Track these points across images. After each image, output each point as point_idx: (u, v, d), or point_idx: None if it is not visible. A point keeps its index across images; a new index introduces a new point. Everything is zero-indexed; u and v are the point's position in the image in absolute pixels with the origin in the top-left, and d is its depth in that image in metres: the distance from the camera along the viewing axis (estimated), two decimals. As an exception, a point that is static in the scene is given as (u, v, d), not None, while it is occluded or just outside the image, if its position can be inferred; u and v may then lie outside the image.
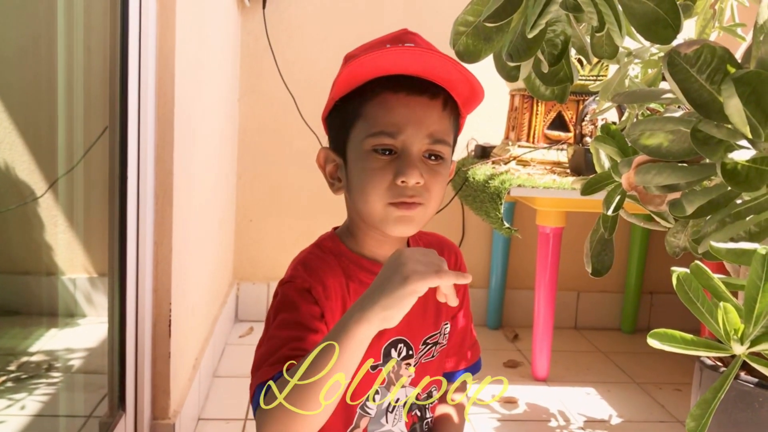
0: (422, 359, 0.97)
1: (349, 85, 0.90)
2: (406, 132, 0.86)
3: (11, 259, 2.00)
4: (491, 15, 0.81)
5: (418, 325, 0.95)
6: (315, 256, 0.93)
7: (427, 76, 0.87)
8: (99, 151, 1.53)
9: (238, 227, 2.61)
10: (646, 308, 2.78)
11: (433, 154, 0.88)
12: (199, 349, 1.85)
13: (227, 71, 2.23)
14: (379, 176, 0.86)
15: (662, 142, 0.84)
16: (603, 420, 1.94)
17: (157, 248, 1.44)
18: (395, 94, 0.87)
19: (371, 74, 0.88)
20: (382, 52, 0.85)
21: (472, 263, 2.67)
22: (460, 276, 0.78)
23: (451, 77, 0.87)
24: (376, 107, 0.88)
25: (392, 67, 0.87)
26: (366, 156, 0.87)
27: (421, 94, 0.87)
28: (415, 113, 0.87)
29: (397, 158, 0.86)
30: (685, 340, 0.71)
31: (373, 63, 0.86)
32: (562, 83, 0.97)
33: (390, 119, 0.86)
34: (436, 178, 0.88)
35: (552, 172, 2.10)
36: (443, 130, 0.88)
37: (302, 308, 0.86)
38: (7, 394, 1.61)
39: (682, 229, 1.14)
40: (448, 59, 0.84)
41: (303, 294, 0.87)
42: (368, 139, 0.87)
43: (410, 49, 0.86)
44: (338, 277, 0.91)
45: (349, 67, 0.86)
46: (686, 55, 0.74)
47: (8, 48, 1.88)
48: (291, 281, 0.89)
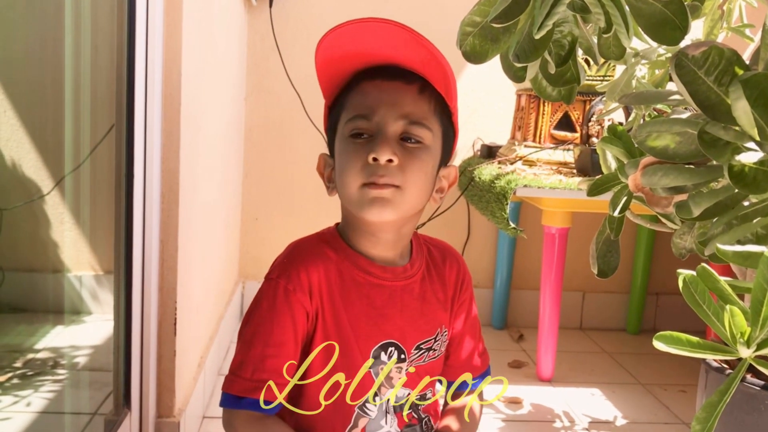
0: (414, 363, 0.96)
1: (333, 83, 0.93)
2: (379, 113, 0.87)
3: (18, 256, 2.01)
4: (498, 16, 0.81)
5: (411, 329, 0.95)
6: (309, 245, 0.94)
7: (401, 62, 0.88)
8: (105, 149, 1.53)
9: (244, 226, 2.61)
10: (652, 309, 2.77)
11: (410, 137, 0.88)
12: (204, 347, 1.86)
13: (234, 70, 2.23)
14: (354, 158, 0.87)
15: (669, 143, 0.84)
16: (608, 421, 1.94)
17: (163, 246, 1.44)
18: (372, 81, 0.89)
19: (349, 69, 0.90)
20: (341, 29, 0.87)
21: (478, 263, 2.67)
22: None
23: (424, 60, 0.87)
24: (354, 95, 0.90)
25: (365, 56, 0.89)
26: (345, 142, 0.89)
27: (395, 79, 0.88)
28: (389, 95, 0.88)
29: (373, 138, 0.87)
30: (691, 343, 0.71)
31: (346, 54, 0.88)
32: (569, 84, 0.97)
33: (364, 102, 0.88)
34: (413, 160, 0.87)
35: (558, 172, 2.10)
36: (419, 113, 0.88)
37: (277, 320, 0.88)
38: (13, 390, 1.62)
39: (689, 231, 1.13)
40: (409, 31, 0.85)
41: (286, 298, 0.89)
42: (346, 126, 0.89)
43: (370, 22, 0.86)
44: (329, 268, 0.91)
45: (319, 55, 0.89)
46: (694, 56, 0.74)
47: (16, 46, 1.89)
48: (277, 279, 0.90)
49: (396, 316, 0.93)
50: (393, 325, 0.93)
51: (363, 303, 0.92)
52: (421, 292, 0.96)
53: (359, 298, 0.92)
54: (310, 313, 0.89)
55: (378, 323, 0.92)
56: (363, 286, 0.92)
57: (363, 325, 0.91)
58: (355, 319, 0.91)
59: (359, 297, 0.92)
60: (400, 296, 0.94)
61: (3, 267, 1.93)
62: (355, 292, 0.92)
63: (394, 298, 0.93)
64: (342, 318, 0.91)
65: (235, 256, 2.53)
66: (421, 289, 0.96)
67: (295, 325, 0.88)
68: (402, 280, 0.94)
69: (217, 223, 2.03)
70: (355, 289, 0.92)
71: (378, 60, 0.89)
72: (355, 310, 0.91)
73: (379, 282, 0.93)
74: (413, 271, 0.96)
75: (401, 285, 0.94)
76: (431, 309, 0.97)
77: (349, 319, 0.91)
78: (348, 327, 0.91)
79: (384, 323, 0.92)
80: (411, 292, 0.95)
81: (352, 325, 0.91)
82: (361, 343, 0.91)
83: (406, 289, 0.95)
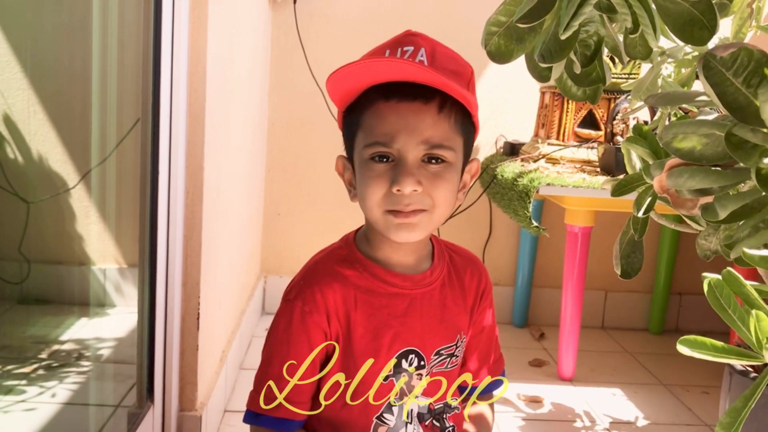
0: (434, 369, 0.96)
1: (345, 97, 0.90)
2: (399, 140, 0.85)
3: (44, 249, 2.03)
4: (524, 16, 0.80)
5: (431, 336, 0.95)
6: (321, 267, 0.93)
7: (421, 80, 0.85)
8: (131, 144, 1.55)
9: (266, 220, 2.62)
10: (675, 309, 2.75)
11: (433, 158, 0.86)
12: (226, 341, 1.87)
13: (258, 66, 2.24)
14: (376, 184, 0.86)
15: (695, 145, 0.83)
16: (629, 422, 1.93)
17: (186, 242, 1.45)
18: (387, 102, 0.86)
19: (363, 84, 0.87)
20: (362, 64, 0.84)
21: (499, 261, 2.66)
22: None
23: (443, 80, 0.85)
24: (370, 117, 0.87)
25: (381, 75, 0.86)
26: (366, 165, 0.87)
27: (413, 99, 0.85)
28: (407, 120, 0.85)
29: (395, 165, 0.85)
30: (715, 347, 0.71)
31: (360, 73, 0.86)
32: (595, 84, 0.96)
33: (383, 129, 0.86)
34: (438, 182, 0.86)
35: (582, 170, 2.08)
36: (440, 135, 0.86)
37: (294, 342, 0.89)
38: (39, 381, 1.64)
39: (714, 233, 1.12)
40: (434, 74, 0.82)
41: (302, 319, 0.89)
42: (366, 149, 0.87)
43: (395, 61, 0.84)
44: (345, 288, 0.91)
45: (336, 79, 0.86)
46: (722, 58, 0.73)
47: (44, 42, 1.91)
48: (294, 301, 0.90)
49: (416, 324, 0.93)
50: (413, 333, 0.93)
51: (383, 313, 0.91)
52: (441, 298, 0.96)
53: (379, 309, 0.91)
54: (328, 332, 0.90)
55: (399, 332, 0.92)
56: (383, 296, 0.92)
57: (383, 335, 0.91)
58: (375, 330, 0.91)
59: (379, 307, 0.91)
60: (420, 304, 0.94)
61: (29, 259, 1.96)
62: (376, 302, 0.91)
63: (414, 306, 0.93)
64: (362, 335, 0.91)
65: (257, 250, 2.54)
66: (441, 295, 0.96)
67: (312, 346, 0.89)
68: (422, 288, 0.94)
69: (240, 217, 2.04)
70: (375, 300, 0.91)
71: (395, 78, 0.86)
72: (375, 321, 0.91)
73: (399, 291, 0.92)
74: (433, 278, 0.95)
75: (421, 293, 0.94)
76: (451, 315, 0.97)
77: (369, 332, 0.91)
78: (368, 341, 0.91)
79: (404, 332, 0.92)
80: (431, 299, 0.95)
81: (372, 337, 0.91)
82: (382, 353, 0.91)
83: (426, 296, 0.94)
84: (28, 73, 1.90)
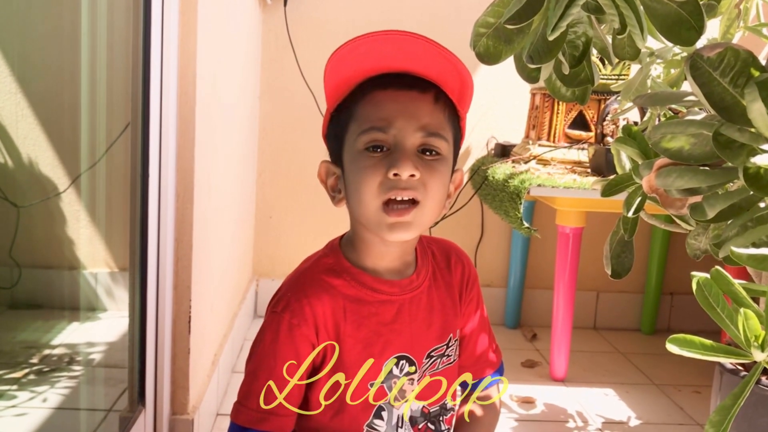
0: (427, 372, 0.95)
1: (339, 89, 0.89)
2: (396, 125, 0.84)
3: (34, 253, 2.03)
4: (512, 17, 0.81)
5: (421, 339, 0.94)
6: (308, 277, 0.91)
7: (416, 70, 0.86)
8: (121, 147, 1.55)
9: (258, 224, 2.62)
10: (666, 309, 2.76)
11: (428, 149, 0.86)
12: (218, 345, 1.87)
13: (248, 69, 2.24)
14: (372, 172, 0.84)
15: (683, 145, 0.84)
16: (621, 421, 1.93)
17: (177, 245, 1.45)
18: (384, 91, 0.86)
19: (359, 75, 0.87)
20: (359, 41, 0.83)
21: (491, 262, 2.67)
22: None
23: (440, 68, 0.85)
24: (366, 106, 0.87)
25: (377, 63, 0.86)
26: (359, 156, 0.86)
27: (410, 88, 0.86)
28: (405, 106, 0.85)
29: (390, 153, 0.84)
30: (704, 345, 0.71)
31: (358, 60, 0.85)
32: (583, 85, 0.96)
33: (379, 114, 0.85)
34: (433, 174, 0.85)
35: (572, 171, 2.09)
36: (437, 124, 0.86)
37: (281, 355, 0.87)
38: (29, 386, 1.64)
39: (703, 232, 1.13)
40: (431, 42, 0.82)
41: (290, 332, 0.87)
42: (360, 138, 0.86)
43: (390, 35, 0.83)
44: (333, 299, 0.89)
45: (333, 65, 0.86)
46: (709, 58, 0.73)
47: (33, 46, 1.90)
48: (281, 313, 0.88)
49: (405, 329, 0.92)
50: (403, 339, 0.92)
51: (372, 321, 0.91)
52: (428, 301, 0.95)
53: (368, 317, 0.90)
54: (316, 344, 0.88)
55: (389, 339, 0.91)
56: (372, 304, 0.91)
57: (374, 344, 0.90)
58: (365, 340, 0.90)
59: (368, 316, 0.90)
60: (408, 309, 0.93)
61: (20, 264, 1.95)
62: (365, 311, 0.90)
63: (403, 312, 0.92)
64: (352, 345, 0.90)
65: (249, 254, 2.54)
66: (428, 297, 0.95)
67: (300, 359, 0.87)
68: (409, 292, 0.93)
69: (232, 221, 2.04)
70: (364, 308, 0.90)
71: (392, 69, 0.87)
72: (365, 331, 0.90)
73: (387, 298, 0.91)
74: (419, 282, 0.95)
75: (409, 297, 0.93)
76: (440, 316, 0.96)
77: (359, 342, 0.90)
78: (359, 351, 0.90)
79: (395, 339, 0.91)
80: (419, 303, 0.94)
81: (363, 346, 0.90)
82: (373, 363, 0.91)
83: (414, 300, 0.94)
84: (17, 76, 1.89)
